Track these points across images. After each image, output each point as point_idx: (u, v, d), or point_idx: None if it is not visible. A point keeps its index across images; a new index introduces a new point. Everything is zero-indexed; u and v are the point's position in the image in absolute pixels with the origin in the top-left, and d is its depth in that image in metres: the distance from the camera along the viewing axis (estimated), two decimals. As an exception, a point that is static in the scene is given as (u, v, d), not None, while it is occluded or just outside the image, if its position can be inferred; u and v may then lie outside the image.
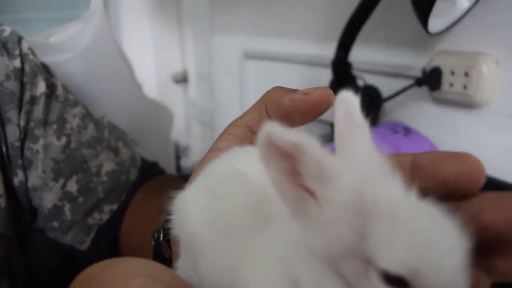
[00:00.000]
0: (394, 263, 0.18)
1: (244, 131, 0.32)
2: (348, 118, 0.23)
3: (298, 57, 1.07)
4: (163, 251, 0.40)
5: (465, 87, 0.70)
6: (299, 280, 0.20)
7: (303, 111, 0.29)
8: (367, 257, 0.19)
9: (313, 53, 1.01)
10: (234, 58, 1.33)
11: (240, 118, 0.33)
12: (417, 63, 0.78)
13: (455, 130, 0.75)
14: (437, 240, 0.19)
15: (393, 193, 0.20)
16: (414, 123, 0.79)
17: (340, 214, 0.20)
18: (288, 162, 0.20)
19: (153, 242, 0.41)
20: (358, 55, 0.81)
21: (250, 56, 1.26)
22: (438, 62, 0.74)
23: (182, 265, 0.28)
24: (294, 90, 0.30)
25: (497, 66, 0.68)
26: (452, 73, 0.71)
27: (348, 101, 0.23)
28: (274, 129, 0.20)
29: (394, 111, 0.85)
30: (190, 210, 0.26)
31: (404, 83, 0.77)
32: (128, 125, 0.68)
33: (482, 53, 0.69)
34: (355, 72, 0.81)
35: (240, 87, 1.34)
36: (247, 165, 0.25)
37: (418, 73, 0.76)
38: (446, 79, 0.72)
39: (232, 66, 1.35)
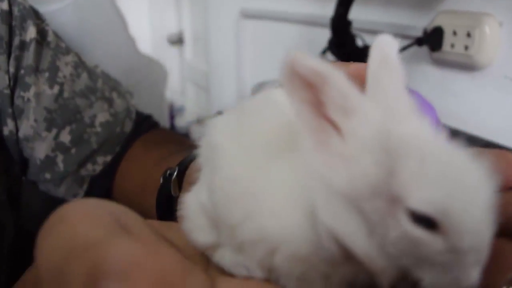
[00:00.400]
0: (423, 202, 0.18)
1: None
2: (383, 59, 0.22)
3: (296, 16, 1.05)
4: (172, 188, 0.39)
5: (466, 48, 0.69)
6: (316, 210, 0.19)
7: None
8: (394, 196, 0.18)
9: (312, 12, 0.99)
10: (230, 17, 1.30)
11: None
12: (419, 23, 0.76)
13: (455, 92, 0.74)
14: (466, 180, 0.18)
15: (422, 133, 0.20)
16: (414, 84, 0.77)
17: (365, 149, 0.19)
18: (312, 92, 0.19)
19: (161, 179, 0.41)
20: (358, 14, 0.79)
21: (247, 15, 1.23)
22: (440, 21, 0.72)
23: (194, 190, 0.26)
24: None
25: (500, 27, 0.67)
26: (454, 33, 0.70)
27: (386, 43, 0.22)
28: (298, 57, 0.19)
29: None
30: (217, 121, 0.25)
31: (405, 43, 0.75)
32: (120, 79, 0.66)
33: (485, 14, 0.67)
34: (354, 31, 0.79)
35: (237, 48, 1.31)
36: (282, 97, 0.24)
37: (419, 34, 0.75)
38: (447, 39, 0.71)
39: (229, 26, 1.32)
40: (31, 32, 0.52)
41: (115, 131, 0.57)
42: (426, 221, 0.18)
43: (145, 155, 0.56)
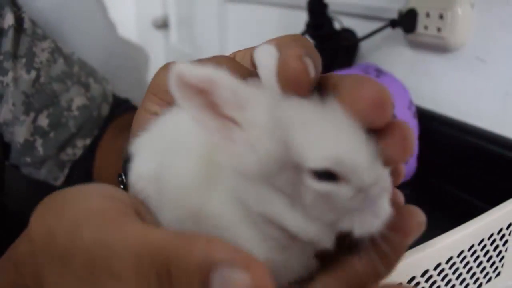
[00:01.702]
0: (318, 159, 0.20)
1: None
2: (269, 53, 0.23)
3: (277, 0, 1.05)
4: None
5: (439, 29, 0.70)
6: (246, 203, 0.21)
7: None
8: (296, 164, 0.20)
9: (292, -4, 1.00)
10: (214, 1, 1.30)
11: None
12: (394, 5, 0.77)
13: (429, 74, 0.76)
14: (345, 129, 0.20)
15: (299, 103, 0.22)
16: (389, 66, 0.79)
17: (263, 132, 0.21)
18: (204, 97, 0.21)
19: (121, 186, 0.42)
20: (336, -4, 0.80)
21: (230, -1, 1.24)
22: (414, 4, 0.73)
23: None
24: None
25: (472, 8, 0.68)
26: (427, 15, 0.71)
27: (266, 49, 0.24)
28: (183, 69, 0.20)
29: (369, 54, 0.85)
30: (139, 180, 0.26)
31: (381, 26, 0.76)
32: (99, 64, 0.67)
33: (458, -5, 0.68)
34: (331, 14, 0.80)
35: (220, 32, 1.31)
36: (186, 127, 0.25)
37: (394, 16, 0.76)
38: (421, 21, 0.72)
39: (213, 10, 1.32)
40: (9, 19, 0.52)
41: (92, 115, 0.58)
42: (327, 175, 0.20)
43: (115, 142, 0.57)
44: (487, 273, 0.46)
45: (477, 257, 0.43)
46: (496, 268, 0.47)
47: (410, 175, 0.71)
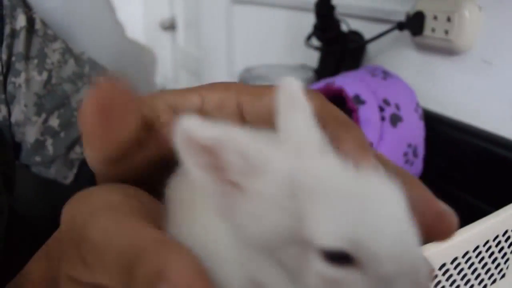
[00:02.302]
0: (331, 237, 0.17)
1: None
2: (289, 100, 0.21)
3: (284, 2, 1.06)
4: None
5: (446, 32, 0.70)
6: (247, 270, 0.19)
7: None
8: (305, 240, 0.17)
9: (299, -2, 1.00)
10: (221, 3, 1.30)
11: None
12: (402, 8, 0.78)
13: (436, 76, 0.76)
14: (373, 205, 0.18)
15: (325, 168, 0.19)
16: (396, 69, 0.79)
17: (272, 204, 0.18)
18: (210, 157, 0.19)
19: None
20: (343, -1, 0.81)
21: (237, 1, 1.24)
22: (421, 6, 0.73)
23: None
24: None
25: (480, 11, 0.68)
26: (435, 17, 0.71)
27: (291, 84, 0.21)
28: (191, 124, 0.18)
29: (376, 57, 0.85)
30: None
31: (388, 28, 0.77)
32: (107, 64, 0.67)
33: (465, -2, 0.68)
34: (338, 16, 0.80)
35: (227, 34, 1.32)
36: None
37: (402, 18, 0.76)
38: (428, 24, 0.72)
39: (220, 12, 1.33)
40: (21, 21, 0.53)
41: None
42: (339, 258, 0.17)
43: None
44: (492, 275, 0.46)
45: (482, 258, 0.44)
46: (501, 269, 0.47)
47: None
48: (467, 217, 0.45)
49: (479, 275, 0.44)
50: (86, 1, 0.83)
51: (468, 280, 0.43)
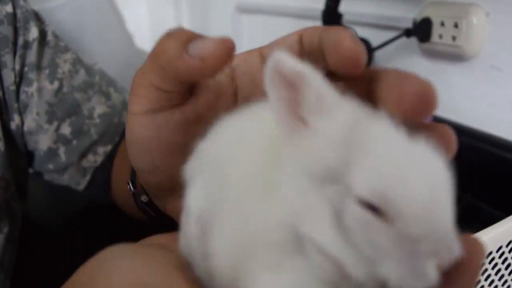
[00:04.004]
0: (364, 189, 0.19)
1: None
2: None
3: (290, 10, 1.06)
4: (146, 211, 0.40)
5: (454, 38, 0.70)
6: (299, 228, 0.20)
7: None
8: (347, 184, 0.19)
9: (306, 6, 1.01)
10: (227, 13, 1.31)
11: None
12: (409, 15, 0.78)
13: (444, 83, 0.76)
14: (412, 171, 0.19)
15: (380, 128, 0.21)
16: (403, 75, 0.79)
17: (329, 144, 0.20)
18: (290, 92, 0.21)
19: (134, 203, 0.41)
20: (349, 6, 0.81)
21: (243, 10, 1.25)
22: (428, 13, 0.73)
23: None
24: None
25: (487, 17, 0.68)
26: (442, 24, 0.71)
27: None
28: (282, 57, 0.20)
29: (384, 64, 0.86)
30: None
31: (395, 35, 0.77)
32: (117, 75, 0.68)
33: (472, 4, 0.69)
34: (345, 23, 0.80)
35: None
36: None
37: (409, 25, 0.76)
38: (435, 30, 0.72)
39: (225, 21, 1.34)
40: (33, 33, 0.55)
41: (113, 122, 0.60)
42: (372, 208, 0.19)
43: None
44: (506, 281, 0.46)
45: (495, 264, 0.43)
46: (515, 276, 0.46)
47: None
48: (478, 223, 0.45)
49: (492, 281, 0.44)
50: (95, 13, 0.84)
51: (482, 287, 0.43)
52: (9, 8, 0.53)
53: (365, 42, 0.85)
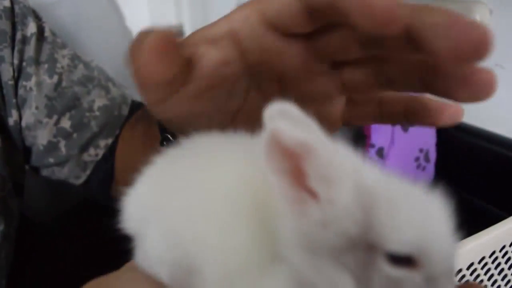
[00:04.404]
0: (402, 243, 0.18)
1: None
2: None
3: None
4: None
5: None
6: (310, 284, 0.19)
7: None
8: (372, 245, 0.19)
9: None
10: (227, 10, 1.31)
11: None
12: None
13: (446, 81, 0.75)
14: (432, 213, 0.19)
15: (380, 179, 0.20)
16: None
17: (345, 212, 0.19)
18: (293, 162, 0.19)
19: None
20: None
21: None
22: (431, 10, 0.73)
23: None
24: None
25: (491, 15, 0.68)
26: (445, 21, 0.71)
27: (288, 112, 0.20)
28: (281, 126, 0.18)
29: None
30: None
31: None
32: (116, 71, 0.68)
33: (476, 1, 0.68)
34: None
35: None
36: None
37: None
38: (438, 27, 0.72)
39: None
40: (31, 28, 0.55)
41: (113, 114, 0.59)
42: (404, 260, 0.19)
43: (136, 131, 0.57)
44: (509, 281, 0.45)
45: (499, 263, 0.43)
46: (518, 275, 0.46)
47: (428, 183, 0.70)
48: (480, 223, 0.44)
49: (495, 281, 0.43)
50: (94, 8, 0.83)
51: (485, 286, 0.42)
52: (6, 3, 0.53)
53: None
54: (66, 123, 0.56)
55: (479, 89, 0.22)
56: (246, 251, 0.20)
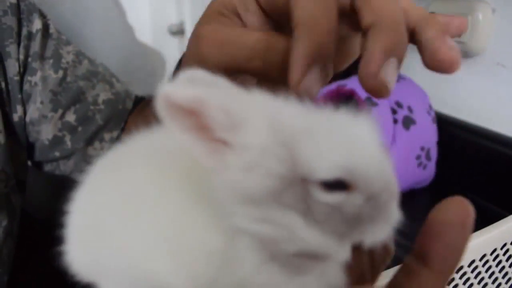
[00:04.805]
0: (329, 169, 0.19)
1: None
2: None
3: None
4: None
5: (460, 35, 0.69)
6: (255, 231, 0.19)
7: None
8: (303, 178, 0.19)
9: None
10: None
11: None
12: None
13: (448, 79, 0.75)
14: (357, 137, 0.20)
15: (304, 111, 0.20)
16: (408, 71, 0.78)
17: (264, 153, 0.19)
18: (194, 119, 0.19)
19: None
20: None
21: None
22: (433, 8, 0.73)
23: None
24: None
25: (493, 14, 0.68)
26: (447, 20, 0.71)
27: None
28: (171, 89, 0.18)
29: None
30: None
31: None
32: (118, 68, 0.68)
33: (478, 0, 0.68)
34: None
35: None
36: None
37: (413, 21, 0.75)
38: (441, 26, 0.72)
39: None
40: (37, 24, 0.55)
41: (118, 108, 0.59)
42: (337, 185, 0.19)
43: (140, 121, 0.57)
44: (510, 278, 0.45)
45: (500, 261, 0.43)
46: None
47: (429, 181, 0.70)
48: (481, 222, 0.44)
49: (496, 279, 0.44)
50: (96, 5, 0.83)
51: (486, 284, 0.43)
52: None
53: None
54: (71, 117, 0.56)
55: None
56: (208, 238, 0.20)
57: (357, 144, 0.20)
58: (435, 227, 0.20)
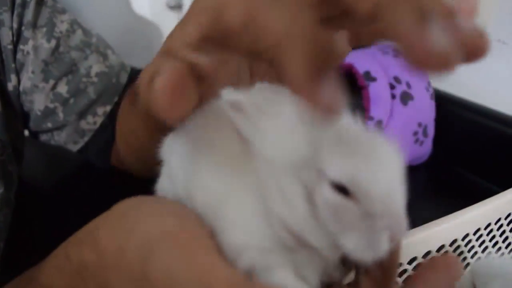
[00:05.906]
0: (337, 173, 0.21)
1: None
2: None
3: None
4: None
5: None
6: (269, 208, 0.23)
7: None
8: (319, 168, 0.22)
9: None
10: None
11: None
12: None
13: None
14: (375, 157, 0.22)
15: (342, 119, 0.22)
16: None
17: (294, 130, 0.23)
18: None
19: None
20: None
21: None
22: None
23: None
24: None
25: (495, -11, 0.67)
26: (448, -5, 0.70)
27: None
28: (228, 93, 0.23)
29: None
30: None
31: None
32: (113, 40, 0.67)
33: (480, -24, 0.67)
34: None
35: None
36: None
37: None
38: (442, 2, 0.71)
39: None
40: None
41: (111, 82, 0.59)
42: (341, 190, 0.21)
43: (136, 101, 0.57)
44: (503, 254, 0.46)
45: (493, 236, 0.43)
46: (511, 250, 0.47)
47: (426, 158, 0.70)
48: (478, 199, 0.44)
49: (490, 253, 0.44)
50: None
51: (479, 258, 0.43)
52: None
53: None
54: (62, 88, 0.56)
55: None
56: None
57: (373, 162, 0.21)
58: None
